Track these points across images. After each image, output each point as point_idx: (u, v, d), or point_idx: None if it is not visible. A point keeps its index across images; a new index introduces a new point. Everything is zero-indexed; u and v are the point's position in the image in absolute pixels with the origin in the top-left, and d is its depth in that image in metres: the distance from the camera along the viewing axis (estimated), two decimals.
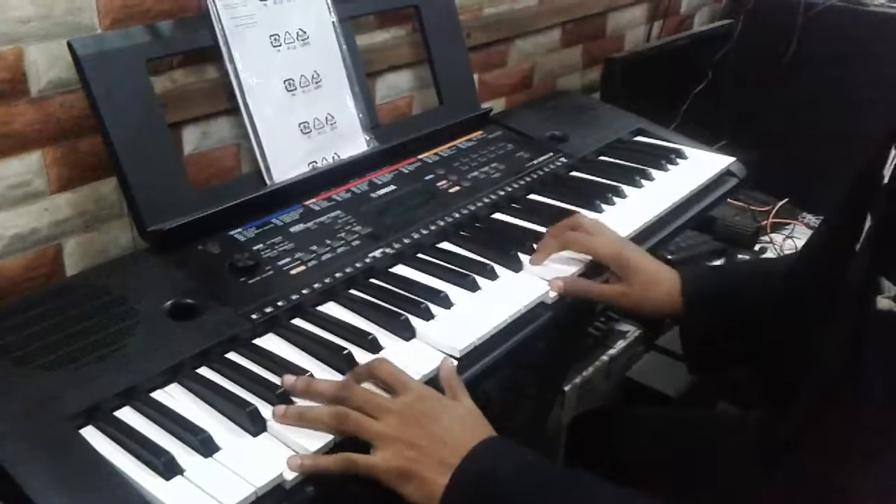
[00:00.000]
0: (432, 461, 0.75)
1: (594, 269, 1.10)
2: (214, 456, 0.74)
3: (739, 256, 1.87)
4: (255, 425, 0.77)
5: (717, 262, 1.89)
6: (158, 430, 0.76)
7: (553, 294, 1.03)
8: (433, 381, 0.85)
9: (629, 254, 1.07)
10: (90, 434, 0.75)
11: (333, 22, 1.22)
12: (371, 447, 0.77)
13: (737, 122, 2.18)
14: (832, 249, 0.84)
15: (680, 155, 1.46)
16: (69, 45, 0.96)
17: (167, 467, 0.71)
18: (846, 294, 0.70)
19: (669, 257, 1.88)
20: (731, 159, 1.48)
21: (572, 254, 1.09)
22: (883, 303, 0.64)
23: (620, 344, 1.84)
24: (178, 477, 0.71)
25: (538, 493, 0.74)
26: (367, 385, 0.83)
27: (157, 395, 0.81)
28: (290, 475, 0.72)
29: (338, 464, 0.75)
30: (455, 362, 0.88)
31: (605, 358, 1.80)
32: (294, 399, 0.81)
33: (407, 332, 0.92)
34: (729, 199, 1.72)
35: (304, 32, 1.18)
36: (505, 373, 0.93)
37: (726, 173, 1.46)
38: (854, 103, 2.05)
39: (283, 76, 1.16)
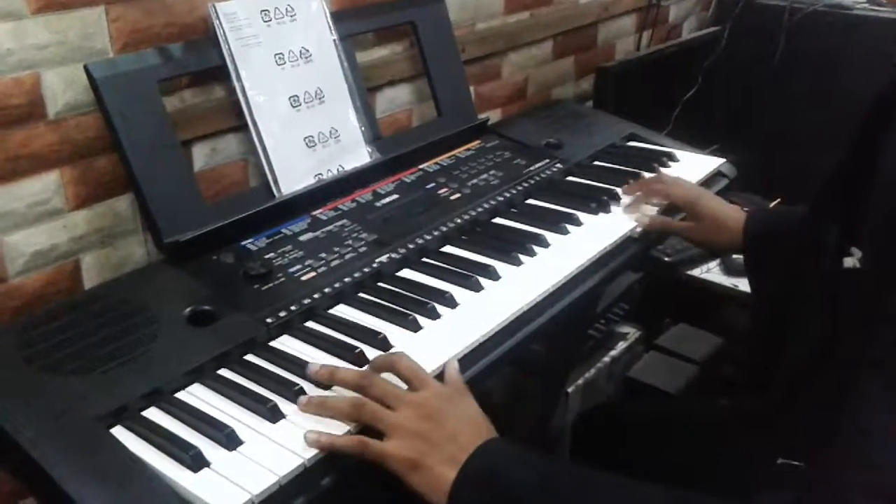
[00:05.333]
0: (442, 455, 0.78)
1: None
2: (238, 449, 0.78)
3: (734, 256, 1.90)
4: (275, 419, 0.81)
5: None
6: (184, 428, 0.80)
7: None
8: (439, 378, 0.88)
9: (700, 200, 1.29)
10: (120, 433, 0.79)
11: (334, 40, 1.27)
12: (384, 436, 0.80)
13: (728, 125, 2.23)
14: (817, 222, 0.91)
15: (671, 158, 1.51)
16: (86, 69, 1.01)
17: (195, 461, 0.75)
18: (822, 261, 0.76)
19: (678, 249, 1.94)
20: (722, 160, 1.52)
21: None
22: (848, 261, 0.71)
23: (621, 345, 1.88)
24: (206, 469, 0.75)
25: (540, 486, 0.77)
26: (386, 376, 0.86)
27: (181, 395, 0.85)
28: (311, 462, 0.76)
29: (352, 444, 0.79)
30: (457, 364, 0.91)
31: (606, 359, 1.84)
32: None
33: (415, 331, 0.96)
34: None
35: (307, 51, 1.23)
36: (509, 371, 0.97)
37: (717, 174, 1.50)
38: (841, 103, 2.09)
39: (289, 93, 1.21)
